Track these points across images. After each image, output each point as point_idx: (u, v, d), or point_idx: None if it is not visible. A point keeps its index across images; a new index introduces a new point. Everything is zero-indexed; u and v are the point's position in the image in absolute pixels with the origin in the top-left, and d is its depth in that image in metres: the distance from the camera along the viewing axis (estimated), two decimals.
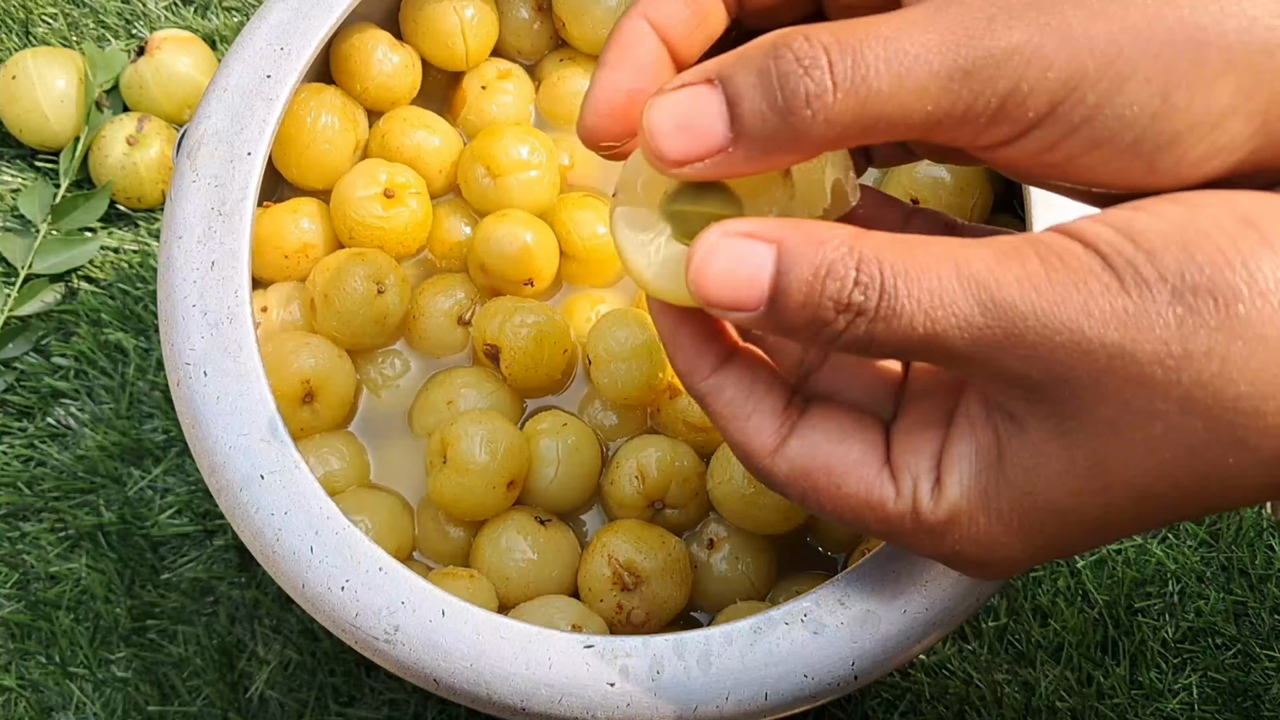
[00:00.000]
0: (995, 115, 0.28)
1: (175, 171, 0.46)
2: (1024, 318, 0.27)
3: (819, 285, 0.28)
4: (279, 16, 0.48)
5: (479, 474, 0.46)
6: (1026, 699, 0.55)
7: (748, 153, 0.29)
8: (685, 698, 0.39)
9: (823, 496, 0.32)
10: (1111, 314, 0.27)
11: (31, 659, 0.57)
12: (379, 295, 0.50)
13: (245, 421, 0.43)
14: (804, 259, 0.28)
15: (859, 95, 0.28)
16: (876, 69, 0.28)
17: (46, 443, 0.60)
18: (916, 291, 0.28)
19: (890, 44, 0.28)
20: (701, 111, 0.29)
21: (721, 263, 0.29)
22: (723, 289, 0.29)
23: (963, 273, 0.28)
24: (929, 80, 0.28)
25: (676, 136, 0.29)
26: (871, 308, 0.28)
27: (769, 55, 0.28)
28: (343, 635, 0.41)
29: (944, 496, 0.30)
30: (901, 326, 0.28)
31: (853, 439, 0.32)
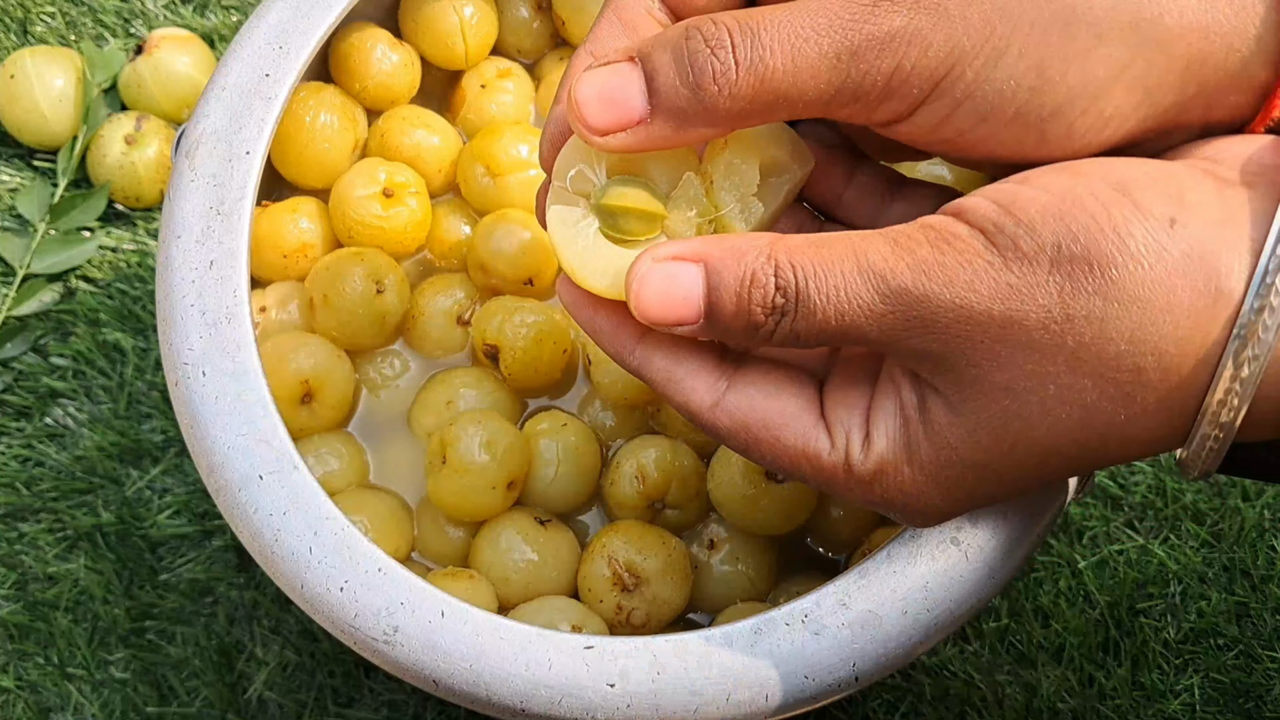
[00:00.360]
0: (883, 92, 0.31)
1: (174, 171, 0.46)
2: (919, 301, 0.30)
3: (745, 294, 0.31)
4: (278, 15, 0.48)
5: (478, 474, 0.46)
6: (1028, 700, 0.55)
7: (664, 124, 0.32)
8: (685, 699, 0.39)
9: (763, 448, 0.34)
10: (997, 288, 0.30)
11: (30, 660, 0.57)
12: (378, 295, 0.49)
13: (244, 421, 0.43)
14: (729, 272, 0.32)
15: (757, 73, 0.31)
16: (772, 49, 0.31)
17: (45, 443, 0.60)
18: (825, 289, 0.31)
19: (784, 27, 0.31)
20: (623, 85, 0.32)
21: (656, 287, 0.32)
22: (662, 310, 0.32)
23: (862, 266, 0.31)
24: (819, 60, 0.31)
25: (600, 107, 0.32)
26: (792, 308, 0.31)
27: (682, 36, 0.31)
28: (341, 636, 0.41)
29: (872, 449, 0.33)
30: (818, 321, 0.31)
31: (788, 394, 0.34)
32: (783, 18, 0.31)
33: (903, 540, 0.40)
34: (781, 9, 0.31)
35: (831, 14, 0.31)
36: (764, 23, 0.31)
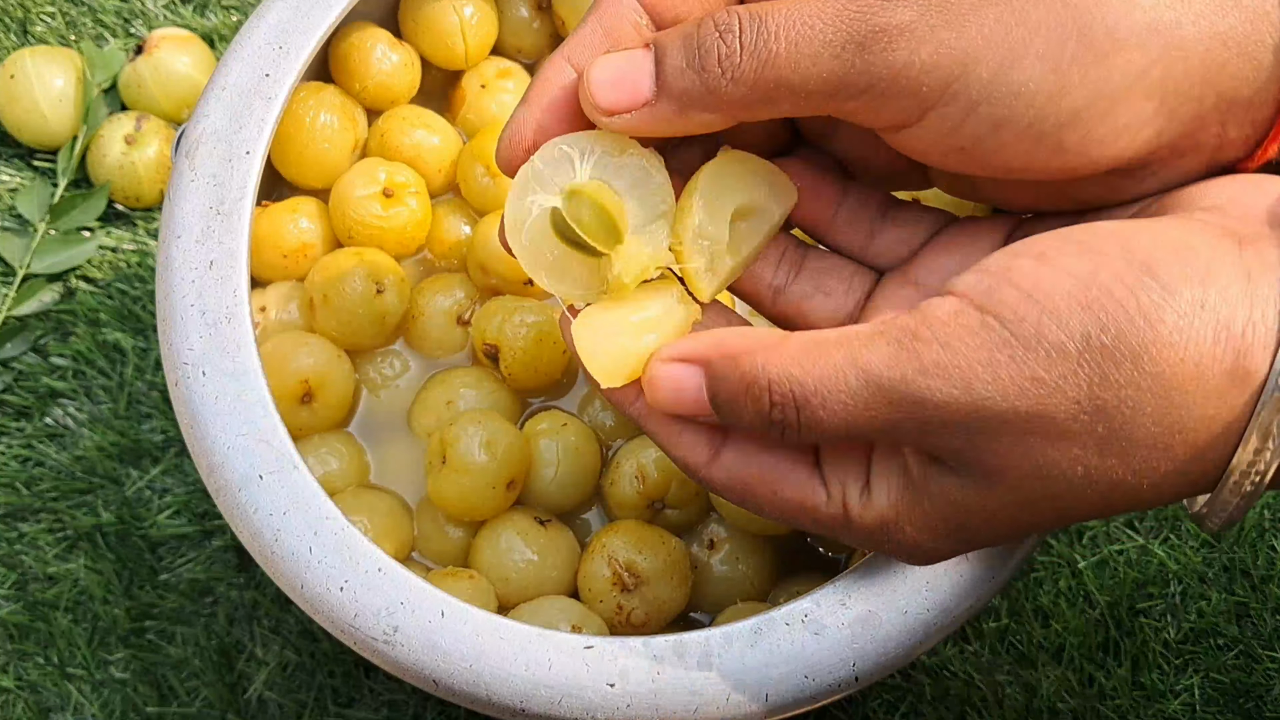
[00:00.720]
0: (891, 87, 0.31)
1: (174, 171, 0.46)
2: (936, 406, 0.30)
3: (745, 401, 0.32)
4: (278, 15, 0.48)
5: (478, 474, 0.46)
6: (1028, 700, 0.55)
7: (667, 105, 0.32)
8: (685, 699, 0.39)
9: (761, 500, 0.35)
10: (1021, 385, 0.29)
11: (30, 660, 0.57)
12: (378, 295, 0.49)
13: (244, 421, 0.43)
14: (727, 379, 0.32)
15: (760, 58, 0.31)
16: (776, 34, 0.31)
17: (44, 443, 0.60)
18: (830, 403, 0.31)
19: (791, 15, 0.31)
20: (633, 69, 0.33)
21: (665, 389, 0.33)
22: (676, 407, 0.33)
23: (869, 377, 0.30)
24: (822, 48, 0.31)
25: (609, 88, 0.33)
26: (793, 420, 0.31)
27: (697, 24, 0.32)
28: (341, 636, 0.41)
29: (872, 505, 0.33)
30: (825, 431, 0.31)
31: (782, 449, 0.34)
32: (791, 7, 0.31)
33: None
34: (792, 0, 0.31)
35: (840, 4, 0.31)
36: (772, 11, 0.31)
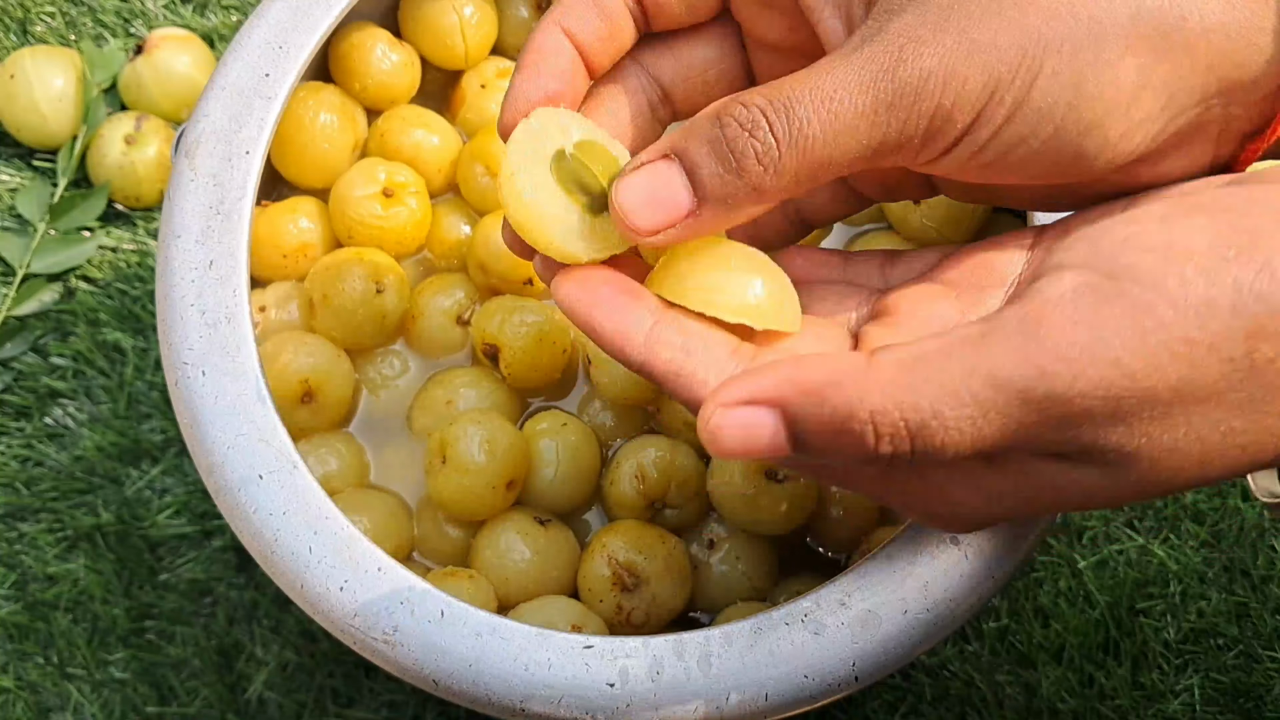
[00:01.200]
0: (926, 135, 0.31)
1: (173, 170, 0.46)
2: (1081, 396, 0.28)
3: (842, 440, 0.29)
4: (277, 15, 0.48)
5: (478, 474, 0.46)
6: (1028, 700, 0.55)
7: (713, 213, 0.32)
8: (685, 699, 0.39)
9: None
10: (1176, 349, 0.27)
11: (29, 660, 0.57)
12: (378, 295, 0.49)
13: (243, 421, 0.43)
14: (813, 420, 0.29)
15: (800, 146, 0.30)
16: (808, 119, 0.30)
17: (44, 443, 0.60)
18: (954, 424, 0.28)
19: (816, 94, 0.30)
20: (665, 184, 0.32)
21: (732, 440, 0.29)
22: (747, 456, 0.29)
23: (996, 382, 0.28)
24: (857, 120, 0.30)
25: (647, 211, 0.32)
26: (906, 450, 0.28)
27: (714, 124, 0.31)
28: (341, 636, 0.41)
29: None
30: (949, 456, 0.28)
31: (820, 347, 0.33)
32: (813, 84, 0.30)
33: (903, 540, 0.40)
34: (806, 75, 0.31)
35: (860, 69, 0.30)
36: (794, 93, 0.30)
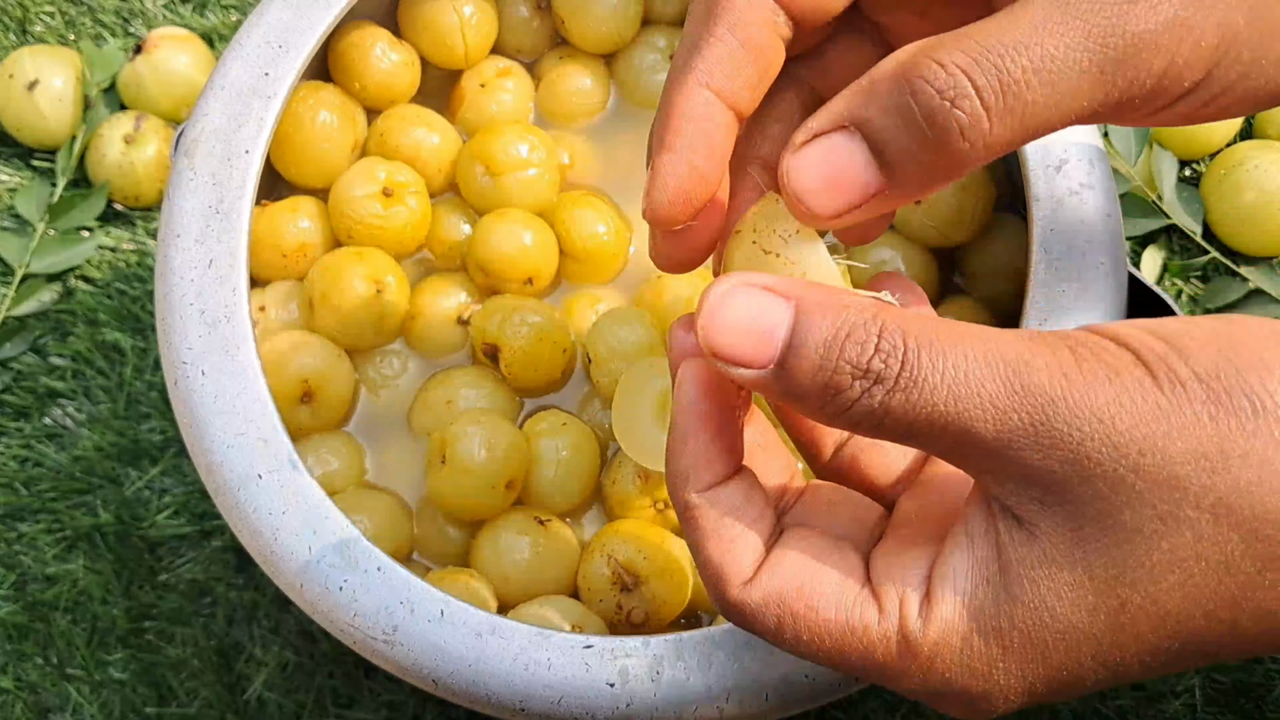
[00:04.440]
0: (1151, 92, 0.27)
1: (173, 170, 0.46)
2: (1053, 403, 0.26)
3: (837, 347, 0.27)
4: (277, 14, 0.48)
5: (478, 474, 0.46)
6: None
7: (904, 192, 0.28)
8: (685, 699, 0.39)
9: (799, 624, 0.29)
10: (1144, 408, 0.25)
11: (28, 660, 0.57)
12: (378, 294, 0.49)
13: (243, 421, 0.43)
14: (824, 319, 0.27)
15: (1015, 114, 0.27)
16: (1028, 82, 0.26)
17: (43, 443, 0.60)
18: (942, 365, 0.26)
19: (1032, 51, 0.26)
20: (846, 163, 0.27)
21: (735, 312, 0.27)
22: (733, 340, 0.27)
23: (992, 353, 0.26)
24: (1080, 79, 0.27)
25: (828, 195, 0.28)
26: (892, 376, 0.26)
27: (903, 89, 0.27)
28: (341, 636, 0.41)
29: (934, 614, 0.27)
30: (921, 400, 0.26)
31: (831, 561, 0.29)
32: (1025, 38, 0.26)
33: None
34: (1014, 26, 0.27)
35: (1084, 20, 0.27)
36: (1006, 49, 0.26)
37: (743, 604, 0.29)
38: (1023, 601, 0.27)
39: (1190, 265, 0.61)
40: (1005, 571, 0.27)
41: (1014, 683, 0.28)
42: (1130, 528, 0.26)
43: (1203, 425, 0.25)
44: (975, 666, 0.27)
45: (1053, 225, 0.45)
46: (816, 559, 0.29)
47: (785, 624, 0.29)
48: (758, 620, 0.29)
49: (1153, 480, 0.25)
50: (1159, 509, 0.26)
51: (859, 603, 0.28)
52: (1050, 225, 0.45)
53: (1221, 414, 0.25)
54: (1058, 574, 0.26)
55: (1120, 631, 0.27)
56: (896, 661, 0.28)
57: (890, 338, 0.26)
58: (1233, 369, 0.25)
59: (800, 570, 0.29)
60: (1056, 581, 0.26)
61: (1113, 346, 0.26)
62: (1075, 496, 0.26)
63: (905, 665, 0.28)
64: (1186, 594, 0.26)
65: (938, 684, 0.28)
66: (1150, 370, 0.26)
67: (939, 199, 0.50)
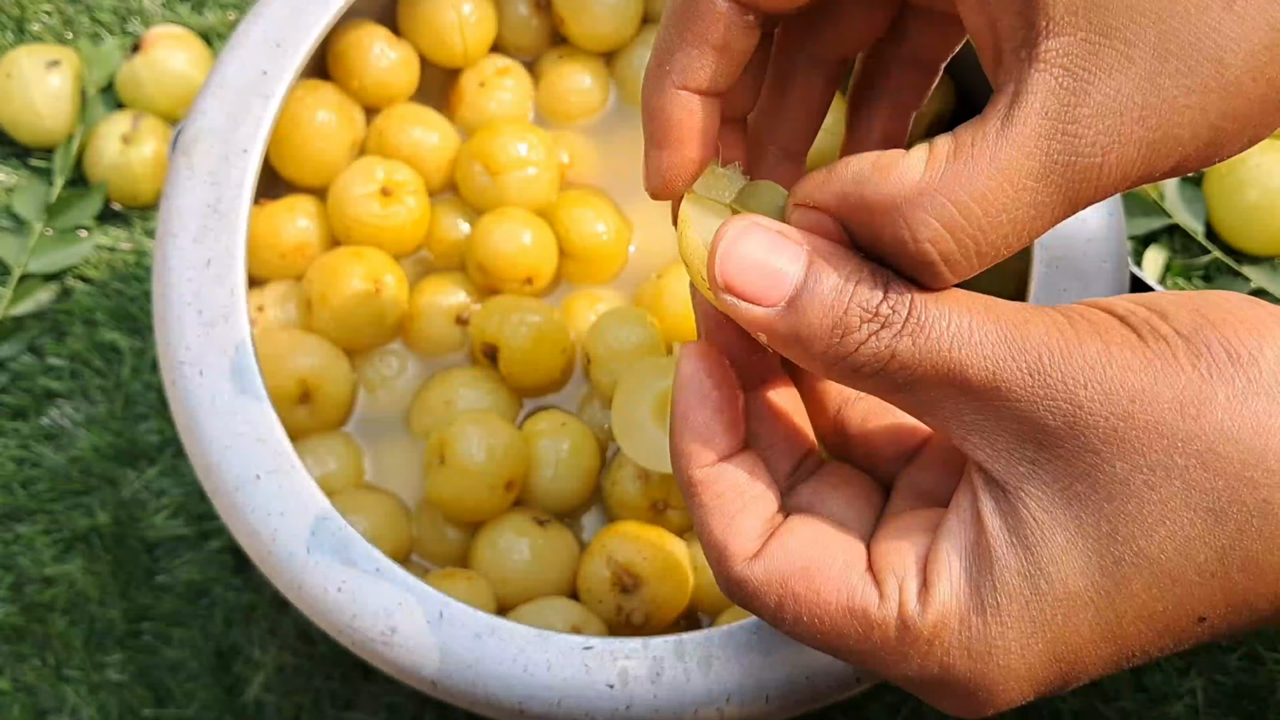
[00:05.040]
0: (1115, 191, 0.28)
1: (170, 169, 0.46)
2: (1050, 353, 0.27)
3: (850, 289, 0.27)
4: (275, 12, 0.48)
5: (477, 475, 0.46)
6: (1029, 702, 0.55)
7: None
8: (686, 700, 0.39)
9: (800, 605, 0.29)
10: (1132, 360, 0.27)
11: (25, 662, 0.56)
12: (376, 294, 0.49)
13: (241, 421, 0.42)
14: (837, 265, 0.28)
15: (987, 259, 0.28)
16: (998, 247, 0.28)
17: (40, 444, 0.60)
18: (946, 316, 0.27)
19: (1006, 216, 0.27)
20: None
21: (750, 247, 0.28)
22: (745, 274, 0.28)
23: (992, 310, 0.27)
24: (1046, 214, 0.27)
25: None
26: (900, 320, 0.27)
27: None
28: (339, 637, 0.41)
29: (932, 598, 0.28)
30: (927, 346, 0.27)
31: (835, 545, 0.30)
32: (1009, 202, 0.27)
33: None
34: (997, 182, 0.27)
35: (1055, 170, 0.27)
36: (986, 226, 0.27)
37: (745, 580, 0.30)
38: (1017, 570, 0.27)
39: (1192, 265, 0.61)
40: (998, 546, 0.28)
41: (1014, 663, 0.28)
42: (1121, 479, 0.27)
43: (1185, 373, 0.26)
44: (974, 648, 0.28)
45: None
46: (821, 543, 0.30)
47: (786, 604, 0.29)
48: (759, 598, 0.30)
49: (1142, 426, 0.26)
50: (1149, 457, 0.26)
51: (860, 587, 0.29)
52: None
53: (1202, 363, 0.26)
54: (1050, 539, 0.27)
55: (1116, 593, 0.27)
56: (895, 646, 0.28)
57: (898, 288, 0.27)
58: (1209, 324, 0.27)
59: (805, 553, 0.29)
60: (1051, 547, 0.27)
61: (1100, 313, 0.28)
62: (1066, 451, 0.27)
63: (904, 650, 0.28)
64: (1178, 547, 0.27)
65: (936, 669, 0.28)
66: (1135, 329, 0.27)
67: None
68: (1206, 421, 0.26)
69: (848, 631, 0.29)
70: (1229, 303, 0.28)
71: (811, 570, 0.29)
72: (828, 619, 0.29)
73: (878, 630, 0.28)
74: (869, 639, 0.29)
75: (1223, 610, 0.28)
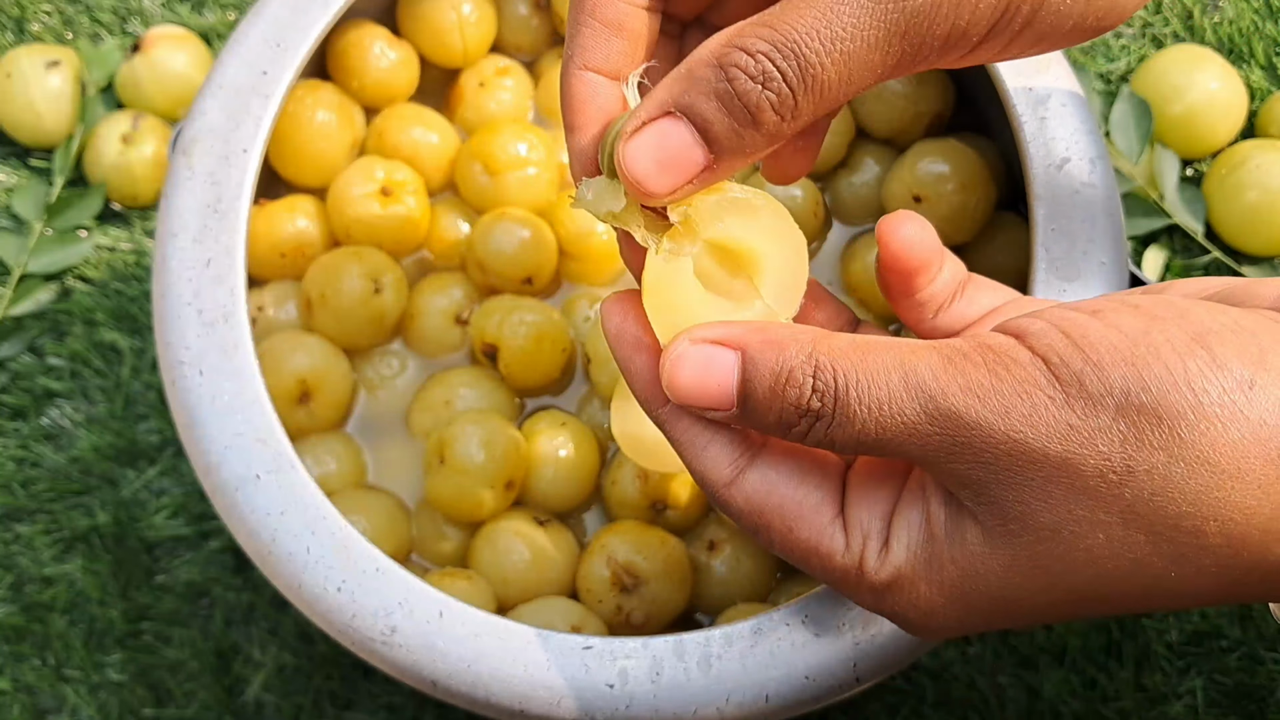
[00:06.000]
0: (941, 50, 0.30)
1: (170, 169, 0.46)
2: (969, 427, 0.28)
3: (780, 391, 0.30)
4: (275, 12, 0.48)
5: (477, 474, 0.46)
6: (1030, 703, 0.55)
7: (729, 163, 0.31)
8: (685, 700, 0.39)
9: (775, 535, 0.32)
10: (1055, 426, 0.28)
11: (25, 662, 0.56)
12: (376, 294, 0.49)
13: (240, 421, 0.42)
14: (765, 366, 0.30)
15: (815, 90, 0.30)
16: (822, 63, 0.29)
17: (40, 444, 0.60)
18: (868, 399, 0.29)
19: (825, 34, 0.29)
20: (676, 145, 0.31)
21: (690, 370, 0.31)
22: (695, 394, 0.31)
23: (910, 381, 0.29)
24: (869, 53, 0.30)
25: (661, 175, 0.31)
26: (828, 413, 0.29)
27: (720, 77, 0.30)
28: (339, 637, 0.41)
29: (889, 559, 0.31)
30: (855, 431, 0.29)
31: (810, 483, 0.32)
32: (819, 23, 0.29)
33: None
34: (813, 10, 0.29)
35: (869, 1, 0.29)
36: (803, 36, 0.29)
37: (727, 504, 0.33)
38: (961, 568, 0.30)
39: (1192, 265, 0.61)
40: (951, 537, 0.30)
41: (950, 621, 0.31)
42: (1049, 528, 0.29)
43: (1111, 442, 0.28)
44: (919, 605, 0.31)
45: (1054, 224, 0.44)
46: (798, 480, 0.32)
47: (762, 532, 0.33)
48: (740, 520, 0.33)
49: (1067, 489, 0.28)
50: (1074, 513, 0.28)
51: (830, 531, 0.32)
52: (1051, 224, 0.44)
53: (1129, 431, 0.28)
54: (990, 556, 0.30)
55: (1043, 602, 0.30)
56: (854, 586, 0.32)
57: (824, 375, 0.30)
58: (1142, 385, 0.28)
59: (781, 490, 0.32)
60: (990, 563, 0.30)
61: (1026, 359, 0.29)
62: (1000, 499, 0.29)
63: (860, 591, 0.32)
64: (1103, 581, 0.29)
65: (886, 610, 0.32)
66: (1063, 387, 0.28)
67: (940, 198, 0.50)
68: (1128, 489, 0.28)
69: (814, 563, 0.32)
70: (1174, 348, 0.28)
71: (786, 508, 0.32)
72: (798, 550, 0.32)
73: (839, 570, 0.32)
74: (831, 573, 0.32)
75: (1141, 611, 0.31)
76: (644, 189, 0.31)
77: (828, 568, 0.32)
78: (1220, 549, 0.28)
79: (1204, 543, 0.28)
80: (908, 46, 0.30)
